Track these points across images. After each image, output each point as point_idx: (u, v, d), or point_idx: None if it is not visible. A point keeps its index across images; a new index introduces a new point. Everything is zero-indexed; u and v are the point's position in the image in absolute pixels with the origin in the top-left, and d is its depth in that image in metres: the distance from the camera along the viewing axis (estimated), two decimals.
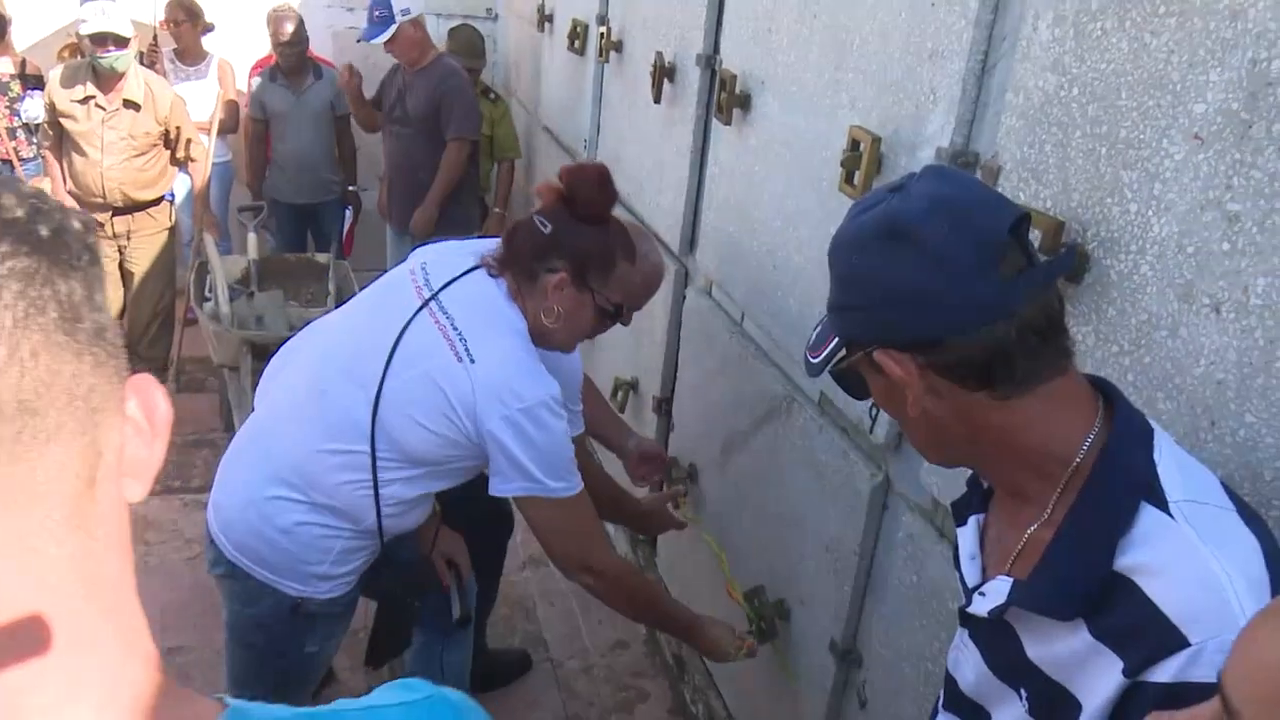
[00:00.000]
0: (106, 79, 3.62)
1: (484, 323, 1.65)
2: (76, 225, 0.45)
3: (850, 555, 1.75)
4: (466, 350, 1.61)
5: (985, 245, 0.83)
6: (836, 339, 0.93)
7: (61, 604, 0.42)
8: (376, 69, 5.35)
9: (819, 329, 0.97)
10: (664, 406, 2.74)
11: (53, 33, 5.21)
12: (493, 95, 4.51)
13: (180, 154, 3.92)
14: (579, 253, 1.69)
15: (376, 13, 3.79)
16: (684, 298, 2.60)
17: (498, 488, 1.66)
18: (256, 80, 4.50)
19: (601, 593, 1.84)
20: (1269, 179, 0.93)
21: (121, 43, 3.55)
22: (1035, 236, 1.21)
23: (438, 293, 1.68)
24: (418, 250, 1.84)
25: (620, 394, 2.98)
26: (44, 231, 0.43)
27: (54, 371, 0.41)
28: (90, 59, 3.60)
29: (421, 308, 1.66)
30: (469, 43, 4.43)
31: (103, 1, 3.50)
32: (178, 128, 3.84)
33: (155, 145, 3.82)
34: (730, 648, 1.93)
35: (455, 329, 1.63)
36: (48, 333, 0.41)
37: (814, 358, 0.96)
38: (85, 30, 3.54)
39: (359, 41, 4.05)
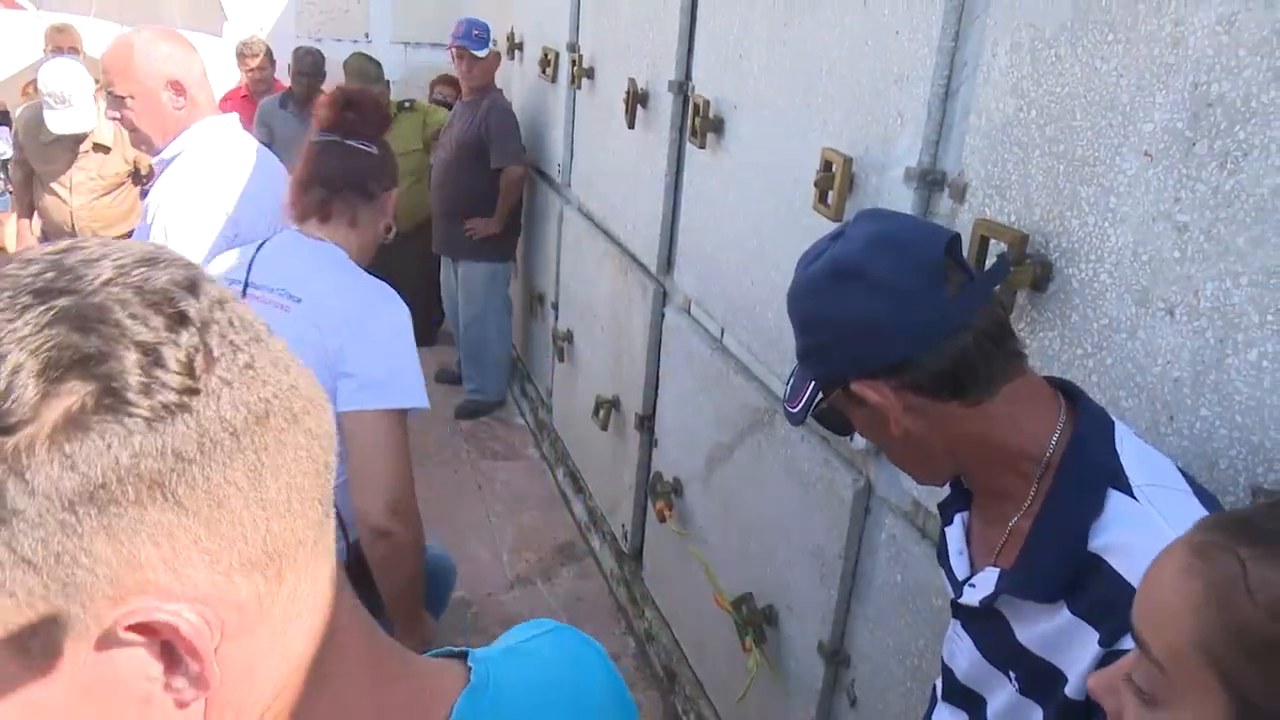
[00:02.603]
0: None
1: (300, 265, 1.67)
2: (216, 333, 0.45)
3: (835, 559, 1.81)
4: (290, 296, 1.62)
5: (928, 268, 0.91)
6: (812, 383, 0.99)
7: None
8: None
9: (792, 381, 1.04)
10: (646, 423, 2.80)
11: (17, 71, 5.20)
12: (408, 103, 4.68)
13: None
14: (358, 173, 1.74)
15: (475, 32, 3.92)
16: (663, 316, 2.67)
17: (345, 403, 1.58)
18: (266, 102, 4.60)
19: (398, 550, 1.63)
20: (1212, 191, 1.02)
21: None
22: (1001, 248, 1.29)
23: (247, 278, 1.67)
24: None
25: (602, 412, 3.04)
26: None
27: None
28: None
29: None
30: (357, 69, 4.57)
31: (59, 111, 3.57)
32: (150, 165, 3.88)
33: (123, 183, 3.86)
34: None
35: (272, 289, 1.65)
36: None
37: (793, 408, 1.02)
38: (53, 129, 3.58)
39: (449, 48, 4.10)
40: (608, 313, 3.11)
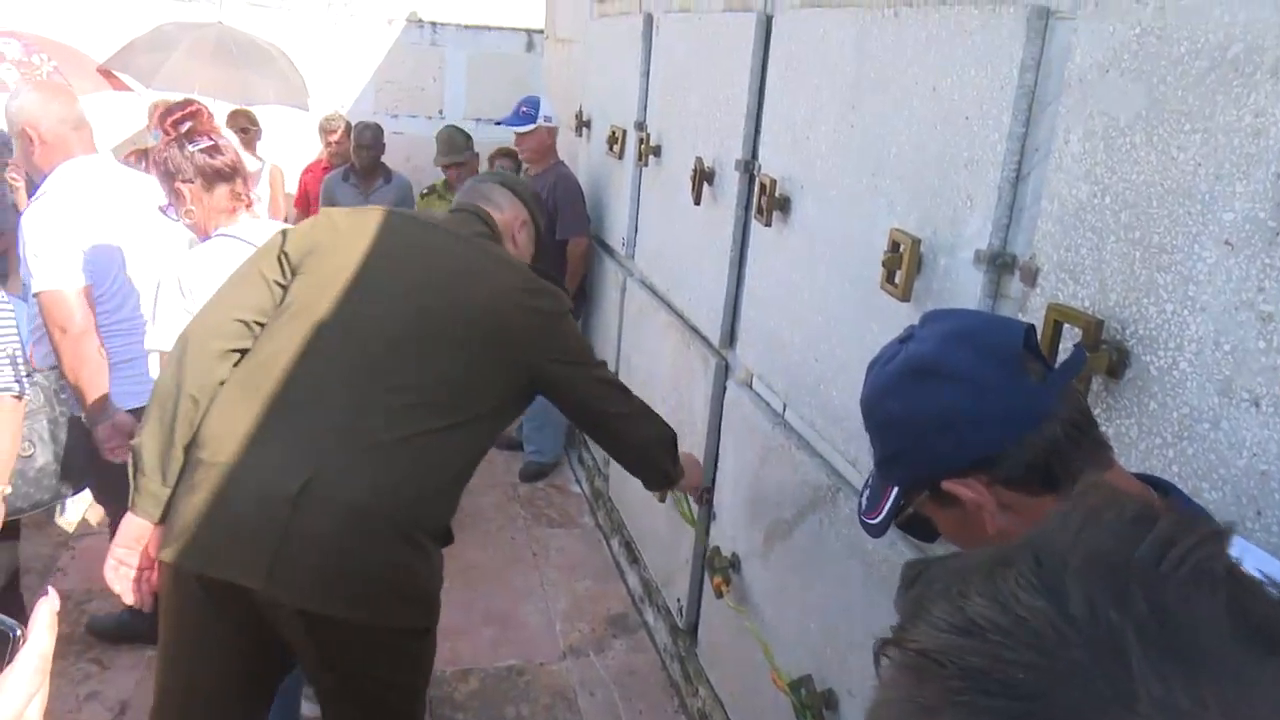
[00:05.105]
0: None
1: None
2: None
3: None
4: None
5: (1008, 359, 0.90)
6: (896, 489, 0.96)
7: None
8: (417, 171, 5.61)
9: (868, 491, 1.00)
10: (705, 496, 2.78)
11: (123, 141, 5.53)
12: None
13: None
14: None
15: (523, 109, 4.15)
16: (724, 389, 2.67)
17: None
18: (329, 178, 4.98)
19: None
20: None
21: None
22: (1075, 334, 1.28)
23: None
24: None
25: None
26: None
27: None
28: None
29: None
30: (448, 140, 4.80)
31: None
32: None
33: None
34: None
35: None
36: None
37: (872, 519, 0.98)
38: None
39: (497, 124, 4.38)
40: (668, 384, 3.13)
